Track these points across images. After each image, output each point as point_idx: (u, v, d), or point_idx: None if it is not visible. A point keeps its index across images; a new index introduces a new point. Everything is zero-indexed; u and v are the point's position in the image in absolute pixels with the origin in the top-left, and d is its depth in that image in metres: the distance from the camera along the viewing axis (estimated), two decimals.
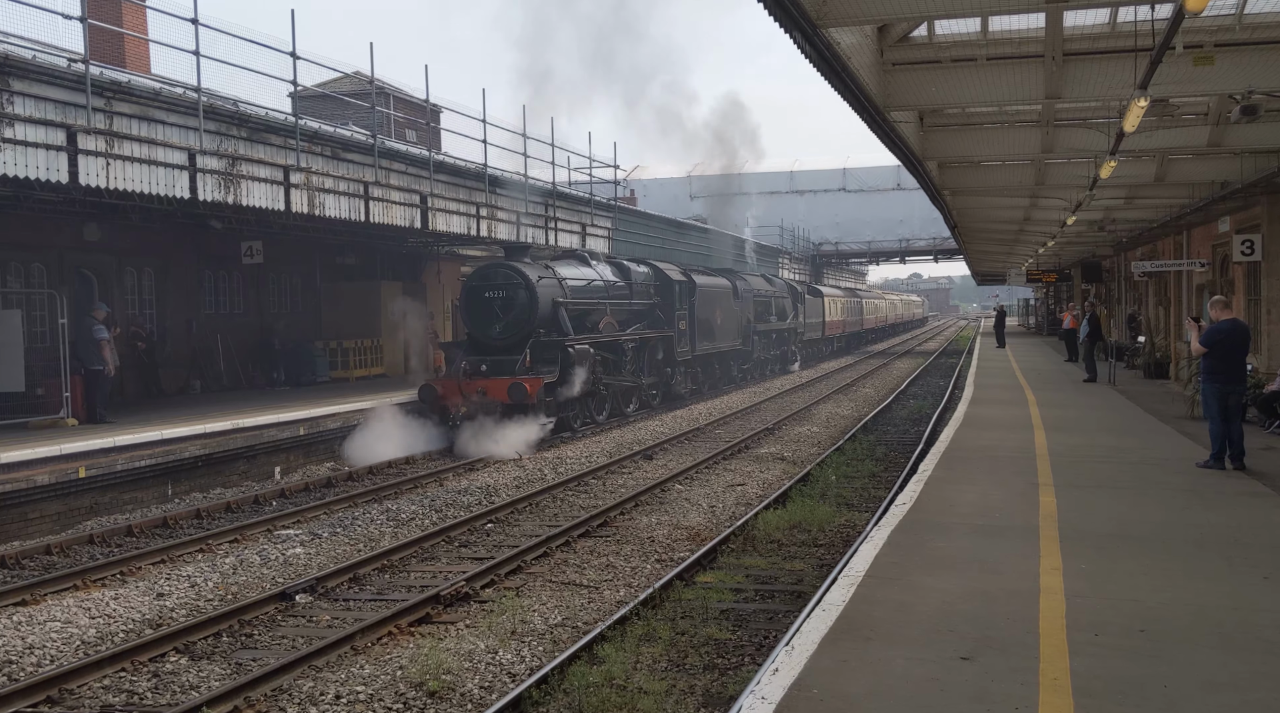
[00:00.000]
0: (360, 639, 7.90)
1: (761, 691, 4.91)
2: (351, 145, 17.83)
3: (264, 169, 15.73)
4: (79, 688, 7.08)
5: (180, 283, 21.76)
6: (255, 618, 8.63)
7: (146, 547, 11.17)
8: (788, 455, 17.42)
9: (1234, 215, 18.64)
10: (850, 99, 10.71)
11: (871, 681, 5.06)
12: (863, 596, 6.45)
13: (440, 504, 13.32)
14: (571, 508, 13.15)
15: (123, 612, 8.83)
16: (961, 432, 14.50)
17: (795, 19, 8.14)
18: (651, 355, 23.94)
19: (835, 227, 60.63)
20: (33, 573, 10.27)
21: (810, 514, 11.82)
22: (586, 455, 17.38)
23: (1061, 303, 48.49)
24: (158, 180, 13.83)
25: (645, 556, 10.67)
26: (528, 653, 7.71)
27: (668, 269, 25.76)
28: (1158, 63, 8.55)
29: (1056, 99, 11.17)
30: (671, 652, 7.58)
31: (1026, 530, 8.23)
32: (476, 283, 19.56)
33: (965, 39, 10.74)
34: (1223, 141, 13.79)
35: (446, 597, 8.93)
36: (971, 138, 14.92)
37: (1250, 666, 5.23)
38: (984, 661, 5.30)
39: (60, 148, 12.46)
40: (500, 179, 22.14)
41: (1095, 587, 6.62)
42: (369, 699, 6.86)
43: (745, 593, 9.17)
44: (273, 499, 14.05)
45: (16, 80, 11.90)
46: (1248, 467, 10.98)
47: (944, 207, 21.59)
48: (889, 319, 71.96)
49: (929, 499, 9.58)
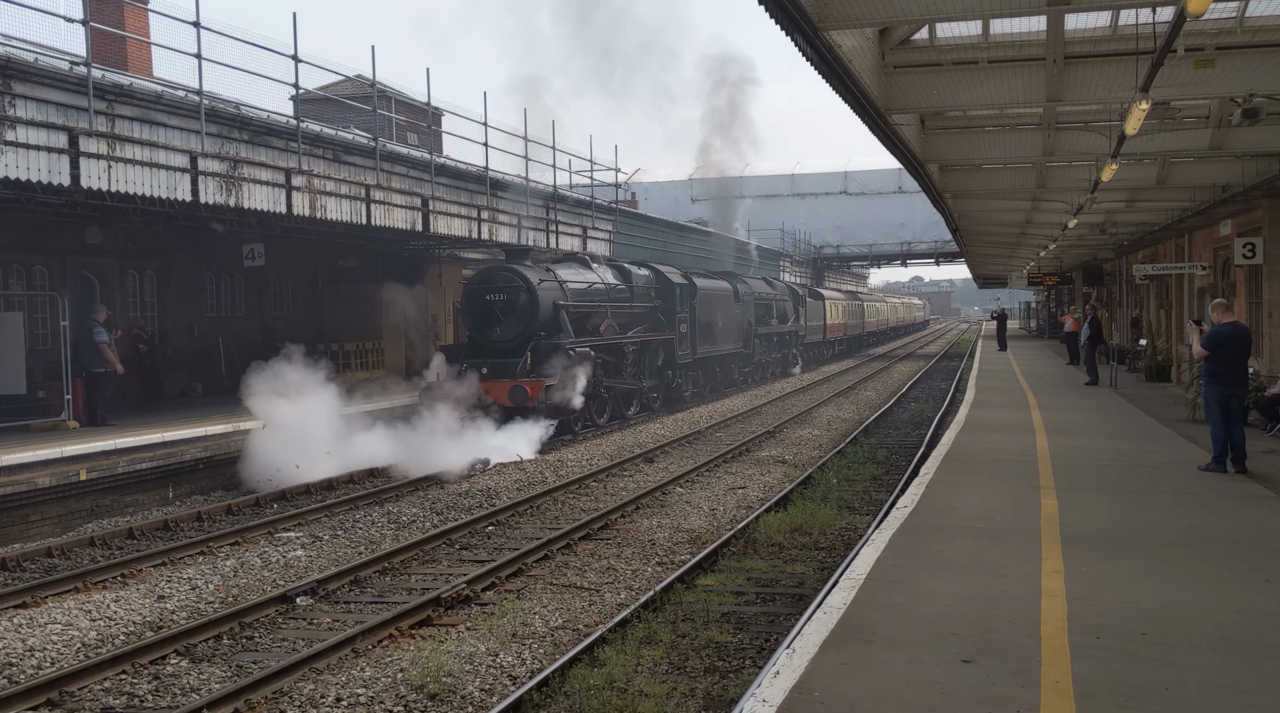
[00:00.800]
0: (361, 642, 7.89)
1: (762, 693, 4.91)
2: (353, 148, 17.85)
3: (265, 172, 15.75)
4: (79, 691, 7.07)
5: (182, 286, 21.76)
6: (256, 620, 8.62)
7: (147, 549, 11.17)
8: (789, 458, 17.40)
9: (1235, 218, 18.64)
10: (852, 102, 10.72)
11: (872, 684, 5.05)
12: (864, 598, 6.44)
13: (441, 507, 13.31)
14: (572, 511, 13.14)
15: (123, 614, 8.83)
16: (963, 435, 14.49)
17: (796, 21, 8.14)
18: (652, 358, 23.93)
19: (836, 229, 60.70)
20: (34, 575, 10.27)
21: (811, 517, 11.82)
22: (587, 458, 17.36)
23: (1063, 306, 48.50)
24: (159, 183, 13.84)
25: (646, 558, 10.66)
26: (528, 656, 7.70)
27: (668, 272, 25.76)
28: (1159, 65, 8.54)
29: (1058, 102, 11.17)
30: (672, 654, 7.58)
31: (1028, 533, 8.22)
32: (477, 286, 19.56)
33: (966, 42, 10.74)
34: (1224, 145, 13.78)
35: (447, 599, 8.92)
36: (973, 141, 14.92)
37: (1253, 669, 5.22)
38: (986, 664, 5.30)
39: (62, 150, 12.48)
40: (501, 182, 22.15)
41: (1097, 590, 6.60)
42: (369, 702, 6.85)
43: (746, 596, 9.16)
44: (274, 502, 14.05)
45: (18, 83, 11.91)
46: (1249, 470, 10.97)
47: (945, 209, 21.60)
48: (890, 322, 71.95)
49: (930, 502, 9.57)
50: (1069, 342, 30.18)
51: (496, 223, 22.37)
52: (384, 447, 16.14)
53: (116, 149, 13.19)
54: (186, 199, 14.33)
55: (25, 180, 12.11)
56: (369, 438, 16.22)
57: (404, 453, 16.01)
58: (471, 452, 16.37)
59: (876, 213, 60.81)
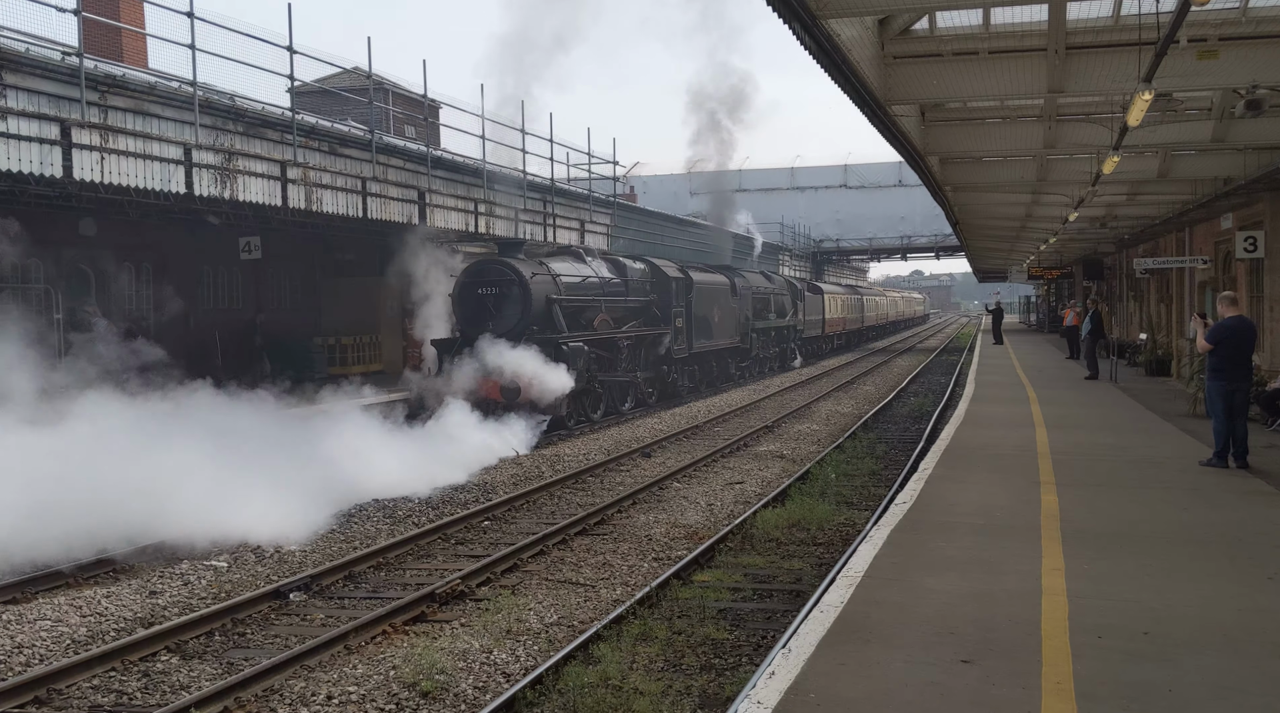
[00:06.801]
0: (354, 638, 7.81)
1: (757, 695, 4.81)
2: (349, 141, 17.72)
3: (261, 164, 15.62)
4: (67, 688, 6.99)
5: (178, 278, 21.64)
6: (249, 616, 8.55)
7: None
8: (787, 453, 17.32)
9: (1237, 212, 18.53)
10: (851, 93, 10.61)
11: (870, 685, 4.96)
12: (862, 597, 6.35)
13: (437, 501, 13.22)
14: (569, 506, 13.06)
15: (114, 610, 8.74)
16: (963, 429, 14.40)
17: (795, 10, 8.03)
18: (647, 353, 23.81)
19: (836, 223, 60.51)
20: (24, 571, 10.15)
21: (809, 513, 11.74)
22: (584, 453, 17.28)
23: (1063, 300, 48.36)
24: (153, 175, 13.72)
25: (643, 554, 10.58)
26: (523, 653, 7.62)
27: (664, 266, 25.63)
28: (1162, 56, 8.43)
29: (1059, 93, 11.06)
30: (668, 652, 7.50)
31: (1028, 530, 8.13)
32: (469, 279, 19.42)
33: (967, 32, 10.62)
34: (1226, 137, 13.68)
35: (442, 595, 8.85)
36: (973, 133, 14.80)
37: (1257, 668, 5.13)
38: (985, 664, 5.21)
39: (54, 142, 12.36)
40: (498, 175, 22.02)
41: (1098, 588, 6.52)
42: (361, 700, 6.77)
43: (743, 592, 9.08)
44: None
45: (9, 73, 11.79)
46: (1251, 465, 10.89)
47: (945, 203, 21.48)
48: (890, 316, 71.87)
49: (929, 498, 9.48)
50: (1069, 336, 30.07)
51: (493, 216, 22.24)
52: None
53: (109, 141, 13.06)
54: (181, 192, 14.20)
55: (17, 172, 11.99)
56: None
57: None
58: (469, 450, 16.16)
59: (876, 206, 60.60)
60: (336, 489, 12.33)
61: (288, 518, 11.06)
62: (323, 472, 12.38)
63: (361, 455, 13.39)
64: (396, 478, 13.36)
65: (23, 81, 11.95)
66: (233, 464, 11.38)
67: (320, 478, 12.13)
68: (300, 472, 11.96)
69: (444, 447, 15.19)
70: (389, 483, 13.19)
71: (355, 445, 13.68)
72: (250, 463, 11.56)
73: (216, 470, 11.10)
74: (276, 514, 10.94)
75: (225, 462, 11.37)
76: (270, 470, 11.55)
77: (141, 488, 10.36)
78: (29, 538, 9.63)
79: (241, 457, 11.63)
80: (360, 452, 13.52)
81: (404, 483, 13.37)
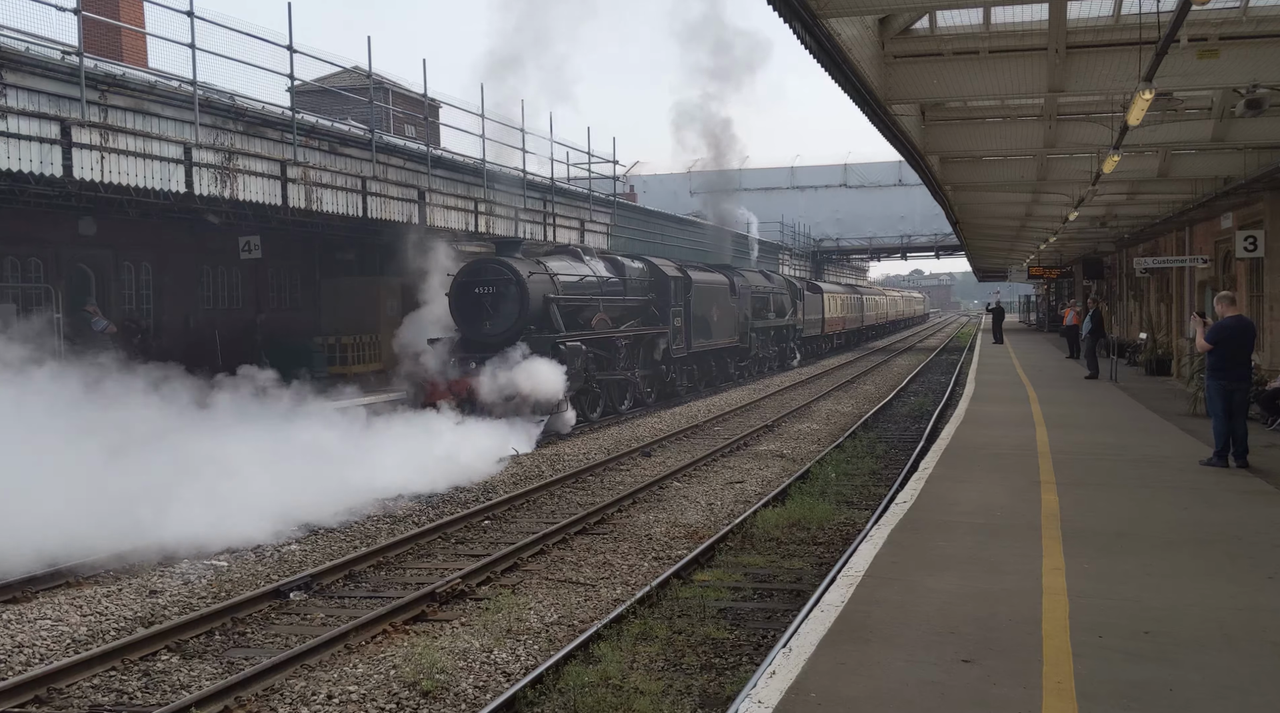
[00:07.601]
0: (354, 638, 7.80)
1: (758, 694, 4.81)
2: (349, 140, 17.74)
3: (261, 164, 15.63)
4: (68, 688, 6.98)
5: (178, 278, 21.65)
6: (249, 616, 8.54)
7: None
8: (787, 453, 17.32)
9: (1237, 211, 18.53)
10: (851, 92, 10.62)
11: (870, 684, 4.96)
12: (862, 596, 6.35)
13: (437, 500, 13.22)
14: (569, 505, 13.05)
15: (115, 609, 8.74)
16: (963, 429, 14.40)
17: (795, 9, 8.04)
18: (645, 352, 23.79)
19: (836, 222, 60.54)
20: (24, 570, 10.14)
21: (810, 512, 11.73)
22: (584, 452, 17.28)
23: (1062, 299, 48.36)
24: (153, 174, 13.73)
25: (643, 554, 10.58)
26: (523, 652, 7.62)
27: (663, 265, 25.60)
28: (1162, 55, 8.44)
29: (1060, 93, 11.07)
30: (668, 651, 7.49)
31: (1029, 529, 8.13)
32: (466, 279, 19.36)
33: (967, 31, 10.63)
34: (1226, 136, 13.69)
35: (442, 594, 8.84)
36: (974, 132, 14.81)
37: (1258, 668, 5.13)
38: (986, 663, 5.21)
39: (54, 141, 12.37)
40: (498, 174, 22.02)
41: (1099, 587, 6.52)
42: (361, 699, 6.76)
43: (743, 592, 9.08)
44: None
45: (9, 73, 11.81)
46: (1251, 465, 10.89)
47: (945, 202, 21.49)
48: (890, 316, 71.84)
49: (930, 497, 9.48)
50: (1069, 335, 30.07)
51: (493, 216, 22.25)
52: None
53: (109, 140, 13.07)
54: (181, 191, 14.21)
55: (17, 171, 12.00)
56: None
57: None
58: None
59: (876, 205, 60.62)
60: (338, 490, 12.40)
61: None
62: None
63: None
64: (396, 478, 13.41)
65: (23, 81, 11.96)
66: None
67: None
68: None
69: (455, 446, 15.28)
70: (389, 483, 13.23)
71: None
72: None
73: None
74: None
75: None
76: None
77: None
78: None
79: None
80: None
81: (406, 483, 13.42)
